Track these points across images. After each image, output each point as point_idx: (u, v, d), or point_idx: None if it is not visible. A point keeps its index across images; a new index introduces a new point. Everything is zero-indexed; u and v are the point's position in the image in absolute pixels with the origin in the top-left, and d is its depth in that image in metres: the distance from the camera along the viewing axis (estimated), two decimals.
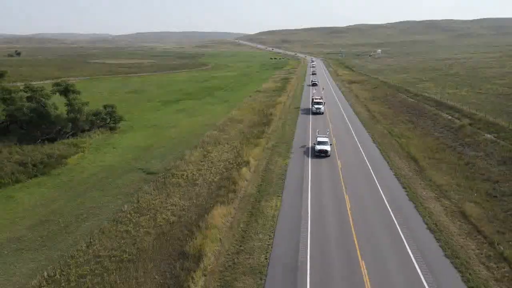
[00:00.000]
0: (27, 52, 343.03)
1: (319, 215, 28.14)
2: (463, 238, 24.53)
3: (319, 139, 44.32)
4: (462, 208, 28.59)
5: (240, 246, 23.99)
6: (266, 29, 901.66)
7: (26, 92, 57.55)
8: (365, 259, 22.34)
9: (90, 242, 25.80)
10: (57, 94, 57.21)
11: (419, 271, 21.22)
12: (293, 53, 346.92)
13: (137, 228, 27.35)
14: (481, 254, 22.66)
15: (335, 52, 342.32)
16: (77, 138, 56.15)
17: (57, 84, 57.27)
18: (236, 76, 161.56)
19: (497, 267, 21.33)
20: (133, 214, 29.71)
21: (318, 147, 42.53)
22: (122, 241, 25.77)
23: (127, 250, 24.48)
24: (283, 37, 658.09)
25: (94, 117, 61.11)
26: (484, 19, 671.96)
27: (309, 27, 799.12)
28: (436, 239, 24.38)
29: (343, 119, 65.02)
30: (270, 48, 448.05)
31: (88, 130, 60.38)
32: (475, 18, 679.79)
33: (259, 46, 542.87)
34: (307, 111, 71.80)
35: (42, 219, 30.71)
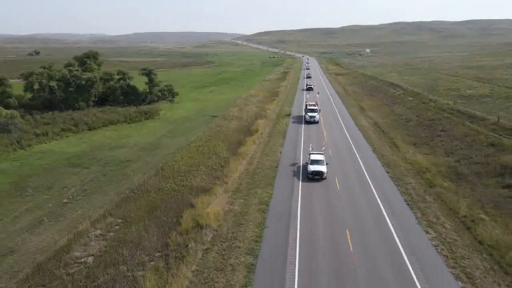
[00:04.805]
0: (40, 52, 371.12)
1: (308, 123, 59.56)
2: (371, 128, 55.94)
3: (313, 157, 38.11)
4: (376, 122, 59.85)
5: (273, 128, 55.71)
6: (263, 30, 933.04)
7: (119, 74, 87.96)
8: (327, 131, 53.89)
9: (203, 133, 56.36)
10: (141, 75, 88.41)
11: (347, 134, 52.69)
12: (301, 55, 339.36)
13: (222, 129, 57.98)
14: (375, 132, 53.94)
15: (328, 52, 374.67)
16: (152, 105, 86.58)
17: (143, 69, 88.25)
18: (243, 71, 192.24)
19: (380, 135, 52.59)
20: (216, 127, 60.35)
21: (312, 167, 36.62)
22: (217, 132, 56.36)
23: (222, 134, 55.04)
24: (280, 38, 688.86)
25: (159, 92, 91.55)
26: (471, 20, 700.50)
27: (304, 28, 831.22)
28: (358, 129, 56.11)
29: (327, 94, 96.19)
30: (282, 51, 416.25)
31: (156, 101, 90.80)
32: (464, 19, 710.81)
33: (260, 47, 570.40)
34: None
35: (168, 131, 61.34)
